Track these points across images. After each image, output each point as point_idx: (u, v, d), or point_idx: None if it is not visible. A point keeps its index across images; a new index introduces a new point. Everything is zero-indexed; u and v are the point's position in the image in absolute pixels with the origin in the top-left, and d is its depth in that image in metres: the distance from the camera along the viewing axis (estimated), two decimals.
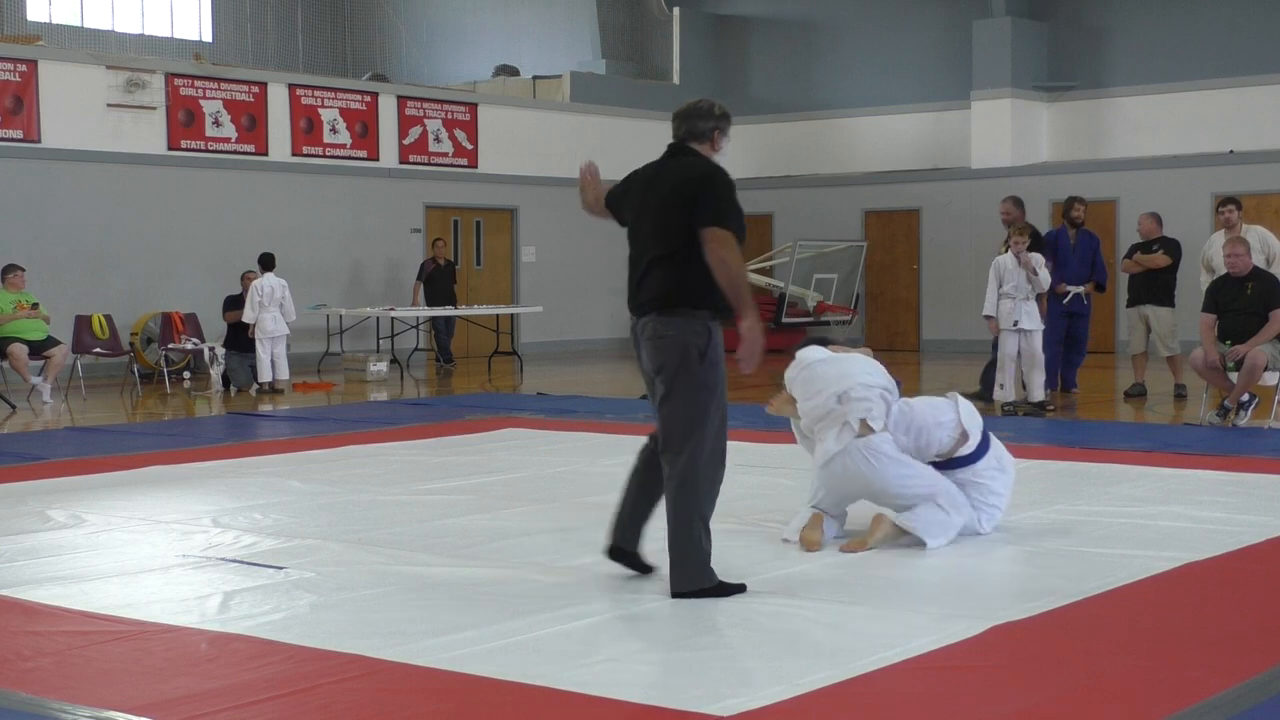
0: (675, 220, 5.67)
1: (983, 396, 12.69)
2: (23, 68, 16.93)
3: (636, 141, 23.36)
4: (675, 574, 5.70)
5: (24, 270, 15.05)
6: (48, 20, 23.37)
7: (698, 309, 5.62)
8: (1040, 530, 7.06)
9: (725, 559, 6.56)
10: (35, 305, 15.04)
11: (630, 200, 5.99)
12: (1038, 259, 12.36)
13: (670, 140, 6.07)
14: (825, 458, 6.73)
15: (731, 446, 5.91)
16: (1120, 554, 6.51)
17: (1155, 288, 13.92)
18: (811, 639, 5.18)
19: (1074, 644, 5.12)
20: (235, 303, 16.33)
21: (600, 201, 6.25)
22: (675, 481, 5.67)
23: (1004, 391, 12.53)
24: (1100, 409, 13.36)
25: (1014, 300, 12.36)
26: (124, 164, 17.66)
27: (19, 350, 14.67)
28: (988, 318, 12.63)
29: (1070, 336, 14.03)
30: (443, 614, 5.49)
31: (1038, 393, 12.46)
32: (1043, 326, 12.55)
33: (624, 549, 6.01)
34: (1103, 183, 20.02)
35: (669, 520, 5.69)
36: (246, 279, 16.28)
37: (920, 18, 22.53)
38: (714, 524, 5.81)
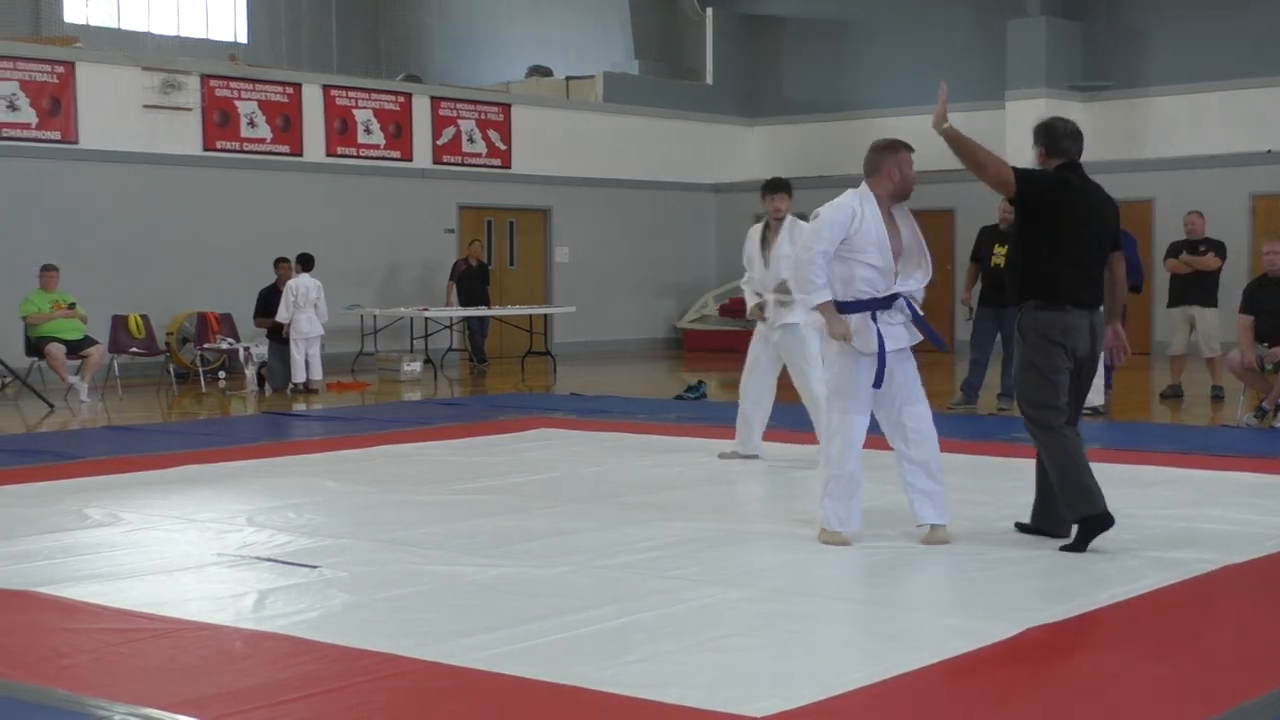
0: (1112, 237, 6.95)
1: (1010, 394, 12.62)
2: (60, 69, 17.05)
3: (669, 142, 23.43)
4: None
5: (58, 270, 15.16)
6: (85, 22, 23.54)
7: None
8: (1075, 531, 7.01)
9: (758, 559, 6.56)
10: (72, 305, 15.15)
11: (1080, 206, 6.78)
12: None
13: (1068, 159, 6.94)
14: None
15: (778, 448, 5.91)
16: (1156, 556, 6.47)
17: (1202, 288, 13.82)
18: (845, 640, 5.17)
19: (1108, 646, 5.09)
20: (269, 295, 16.40)
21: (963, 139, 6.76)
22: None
23: None
24: (1136, 410, 13.28)
25: None
26: (160, 165, 17.76)
27: (56, 350, 14.77)
28: None
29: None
30: (476, 614, 5.50)
31: (1090, 397, 12.28)
32: None
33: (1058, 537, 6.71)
34: (1139, 183, 19.89)
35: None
36: (281, 268, 16.34)
37: (954, 17, 22.45)
38: (741, 524, 5.79)
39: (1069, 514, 6.64)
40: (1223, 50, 20.26)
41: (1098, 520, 6.52)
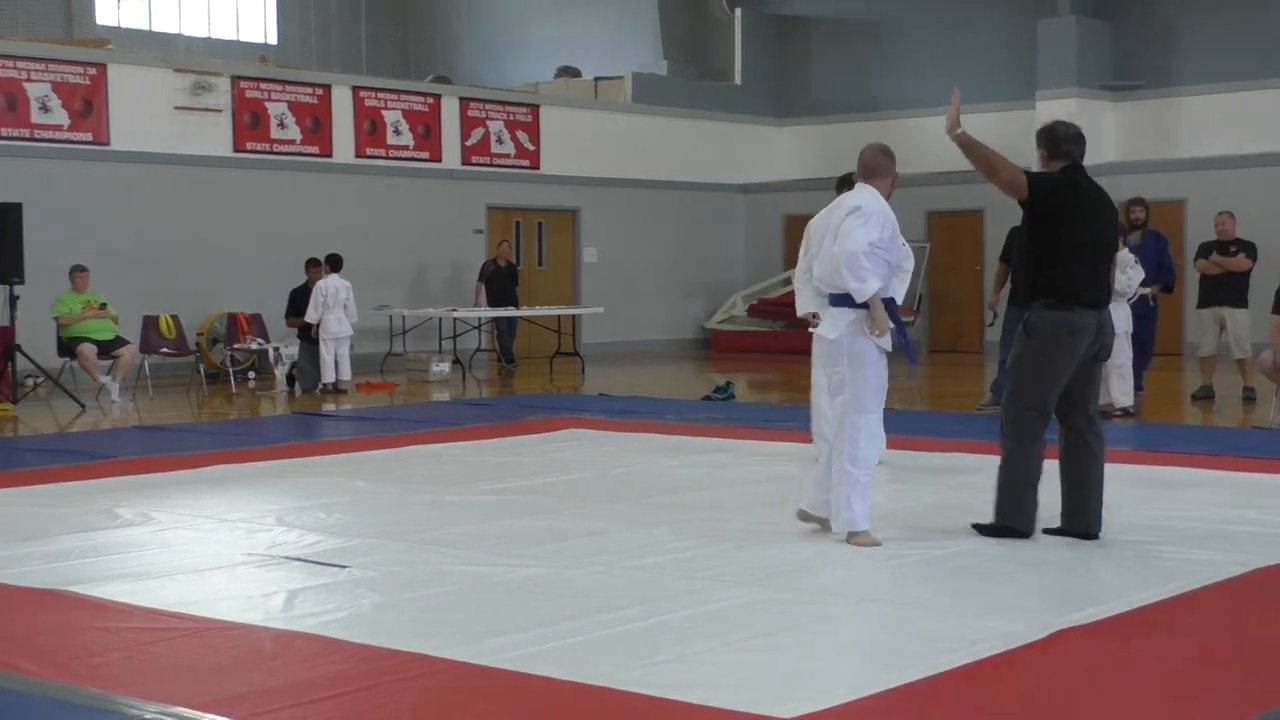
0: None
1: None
2: (92, 71, 17.14)
3: (698, 142, 23.42)
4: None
5: (89, 271, 15.24)
6: (117, 24, 23.67)
7: None
8: (1106, 533, 6.98)
9: (786, 559, 6.55)
10: (104, 305, 15.23)
11: (1087, 207, 6.86)
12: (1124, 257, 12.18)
13: (1071, 161, 6.97)
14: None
15: (794, 448, 5.91)
16: (1187, 558, 6.44)
17: (1234, 289, 13.75)
18: (873, 641, 5.16)
19: (1139, 649, 5.07)
20: (300, 295, 16.47)
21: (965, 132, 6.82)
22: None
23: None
24: (1167, 412, 13.21)
25: None
26: (190, 166, 17.84)
27: (88, 350, 14.86)
28: None
29: (1136, 338, 13.86)
30: (504, 614, 5.50)
31: (1120, 398, 12.23)
32: (1123, 329, 12.25)
33: (1094, 536, 6.84)
34: (1170, 183, 19.80)
35: (1101, 479, 6.89)
36: (312, 271, 16.41)
37: (984, 17, 22.38)
38: (770, 525, 5.80)
39: (998, 517, 6.88)
40: (1254, 49, 20.14)
41: (1018, 535, 6.82)
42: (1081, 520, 6.85)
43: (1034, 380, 6.80)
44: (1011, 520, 6.84)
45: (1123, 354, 12.24)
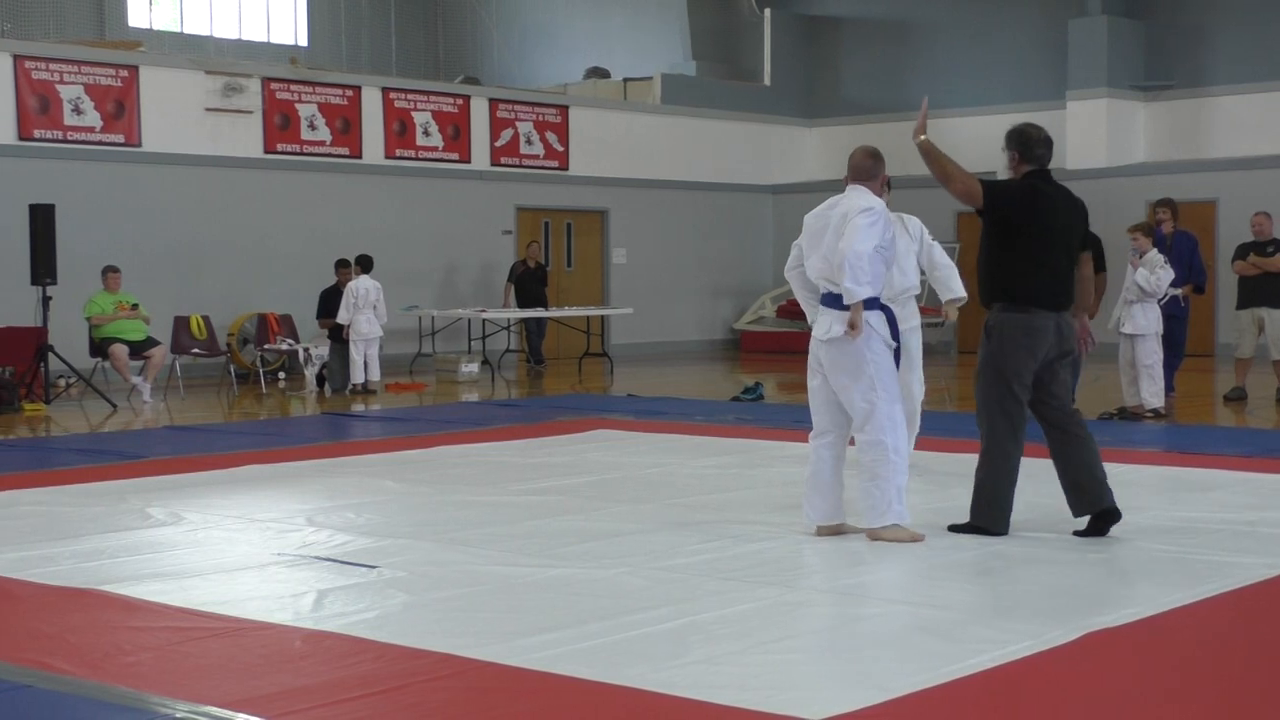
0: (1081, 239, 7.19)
1: None
2: (124, 73, 17.24)
3: (727, 143, 23.40)
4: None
5: (121, 272, 15.32)
6: (148, 26, 23.78)
7: None
8: (1136, 535, 6.96)
9: (816, 560, 6.55)
10: (135, 306, 15.32)
11: (1057, 214, 6.98)
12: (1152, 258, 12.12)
13: (1040, 165, 7.08)
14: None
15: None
16: (1219, 560, 6.41)
17: (1272, 290, 13.66)
18: (904, 642, 5.15)
19: (1170, 651, 5.04)
20: (331, 296, 16.52)
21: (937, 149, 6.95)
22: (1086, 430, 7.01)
23: (1124, 396, 12.36)
24: (1199, 413, 13.14)
25: (1124, 302, 12.18)
26: (221, 167, 17.92)
27: (120, 350, 14.95)
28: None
29: (1168, 340, 13.78)
30: (533, 614, 5.51)
31: (1150, 399, 12.18)
32: (1152, 331, 12.21)
33: (1110, 508, 6.88)
34: (1202, 183, 19.69)
35: (1098, 458, 6.93)
36: (342, 273, 16.47)
37: (1014, 17, 22.30)
38: (799, 525, 5.78)
39: (972, 517, 6.95)
40: None
41: (991, 533, 6.88)
42: (1091, 498, 6.90)
43: (999, 381, 6.91)
44: (984, 521, 6.92)
45: (1152, 355, 12.19)
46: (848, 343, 6.81)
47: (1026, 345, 6.85)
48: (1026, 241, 6.89)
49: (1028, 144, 7.04)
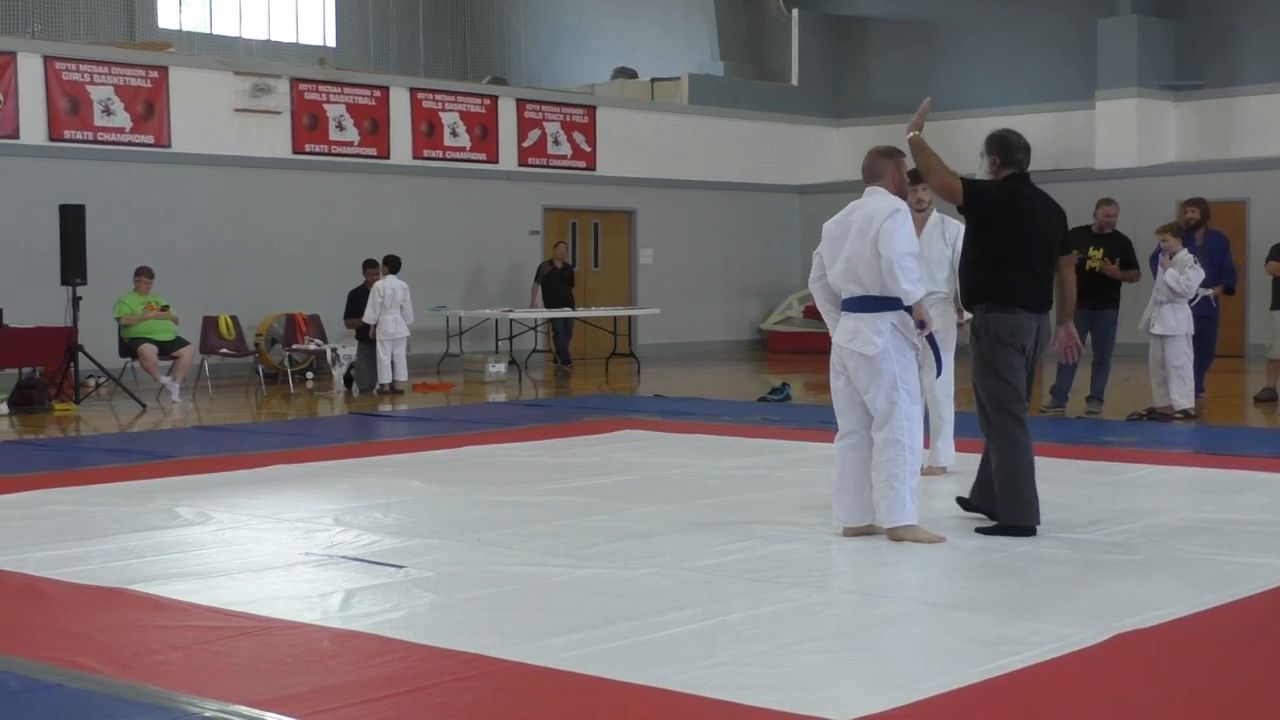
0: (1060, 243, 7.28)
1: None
2: (154, 74, 17.32)
3: (754, 143, 23.38)
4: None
5: (151, 272, 15.39)
6: (178, 27, 23.89)
7: None
8: (1165, 536, 6.93)
9: (843, 561, 6.53)
10: (165, 307, 15.39)
11: (1036, 216, 7.09)
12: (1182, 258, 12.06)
13: (1019, 170, 7.20)
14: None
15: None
16: (1248, 562, 6.37)
17: None
18: (931, 643, 5.13)
19: (1198, 653, 5.01)
20: (359, 296, 16.57)
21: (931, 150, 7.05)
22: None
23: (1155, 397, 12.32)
24: (1229, 414, 13.06)
25: (1154, 303, 12.12)
26: (250, 168, 17.99)
27: (149, 350, 15.02)
28: None
29: (1198, 340, 13.70)
30: (560, 614, 5.51)
31: (1179, 400, 12.11)
32: (1182, 332, 12.13)
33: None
34: (1233, 183, 19.58)
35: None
36: (369, 273, 16.52)
37: (1043, 16, 22.20)
38: (827, 526, 5.76)
39: (1002, 517, 7.00)
40: None
41: (1025, 531, 6.92)
42: (991, 499, 7.10)
43: (997, 379, 7.01)
44: (1015, 518, 6.96)
45: (1182, 355, 12.12)
46: (871, 348, 6.83)
47: (1014, 344, 6.99)
48: (1006, 243, 7.01)
49: (1008, 149, 7.19)
